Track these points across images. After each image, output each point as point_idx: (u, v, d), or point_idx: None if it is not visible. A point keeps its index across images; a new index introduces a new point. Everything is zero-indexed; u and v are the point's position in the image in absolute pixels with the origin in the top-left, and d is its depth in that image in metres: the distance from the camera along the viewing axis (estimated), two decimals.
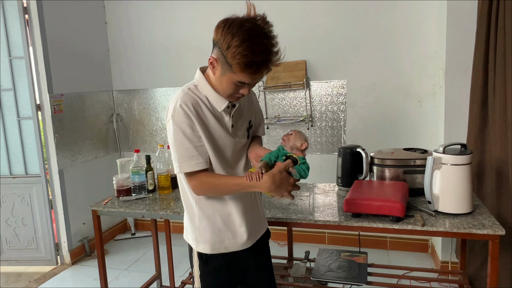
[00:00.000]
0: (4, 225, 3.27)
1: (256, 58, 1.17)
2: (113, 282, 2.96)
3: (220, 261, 1.43)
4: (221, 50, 1.20)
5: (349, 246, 3.25)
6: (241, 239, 1.42)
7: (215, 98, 1.33)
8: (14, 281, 3.10)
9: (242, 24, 1.18)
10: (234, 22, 1.19)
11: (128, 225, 4.00)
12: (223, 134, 1.36)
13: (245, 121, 1.45)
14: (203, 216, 1.40)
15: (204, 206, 1.40)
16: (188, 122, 1.28)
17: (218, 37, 1.20)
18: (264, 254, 1.59)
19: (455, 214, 1.74)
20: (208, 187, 1.33)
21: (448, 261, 2.78)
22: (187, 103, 1.29)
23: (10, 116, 3.14)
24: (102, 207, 2.14)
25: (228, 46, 1.17)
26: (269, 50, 1.20)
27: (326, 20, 3.12)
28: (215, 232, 1.40)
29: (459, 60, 2.54)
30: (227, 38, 1.17)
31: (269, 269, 1.61)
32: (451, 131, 2.61)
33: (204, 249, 1.42)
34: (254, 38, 1.16)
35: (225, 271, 1.45)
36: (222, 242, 1.41)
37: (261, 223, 1.54)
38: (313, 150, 3.30)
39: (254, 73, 1.21)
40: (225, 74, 1.25)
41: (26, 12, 3.00)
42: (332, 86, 3.18)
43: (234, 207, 1.40)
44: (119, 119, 3.85)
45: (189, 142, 1.29)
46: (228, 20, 1.21)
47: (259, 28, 1.20)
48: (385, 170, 2.03)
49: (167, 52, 3.57)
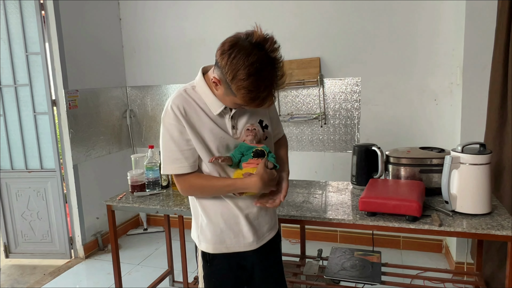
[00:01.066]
0: (19, 219, 3.33)
1: (261, 93, 1.17)
2: (126, 277, 2.98)
3: (224, 262, 1.42)
4: (225, 77, 1.17)
5: (362, 245, 3.23)
6: (245, 239, 1.40)
7: (211, 101, 1.30)
8: (29, 273, 3.16)
9: (248, 54, 1.13)
10: (240, 51, 1.13)
11: (140, 220, 4.03)
12: (221, 134, 1.32)
13: (251, 121, 1.38)
14: (205, 215, 1.39)
15: (206, 205, 1.39)
16: (176, 126, 1.29)
17: (223, 63, 1.16)
18: (272, 258, 1.53)
19: (473, 215, 1.71)
20: (197, 188, 1.35)
21: (463, 262, 2.74)
22: (179, 106, 1.29)
23: (26, 111, 3.18)
24: (117, 202, 2.16)
25: (233, 77, 1.15)
26: (275, 81, 1.18)
27: (341, 17, 3.09)
28: (216, 231, 1.39)
29: (477, 57, 2.49)
30: (232, 68, 1.14)
31: (278, 275, 1.55)
32: (468, 130, 2.57)
33: (207, 248, 1.41)
34: (260, 71, 1.13)
35: (228, 273, 1.44)
36: (224, 241, 1.39)
37: (270, 226, 1.47)
38: (326, 148, 3.28)
39: (259, 105, 1.22)
40: (228, 96, 1.23)
41: (43, 9, 3.04)
42: (346, 83, 3.15)
43: (238, 207, 1.37)
44: (132, 115, 3.88)
45: (175, 145, 1.30)
46: (234, 45, 1.15)
47: (265, 58, 1.15)
48: (401, 169, 2.01)
49: (180, 49, 3.58)
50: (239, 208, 1.38)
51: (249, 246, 1.41)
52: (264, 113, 1.43)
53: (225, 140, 1.33)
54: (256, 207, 1.39)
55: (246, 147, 1.33)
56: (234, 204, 1.37)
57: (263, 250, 1.45)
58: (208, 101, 1.31)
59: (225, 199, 1.37)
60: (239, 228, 1.39)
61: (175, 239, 2.91)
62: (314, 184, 2.33)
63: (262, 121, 1.41)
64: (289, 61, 3.22)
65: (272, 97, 1.22)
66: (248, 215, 1.39)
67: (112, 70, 3.70)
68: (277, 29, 3.21)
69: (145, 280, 2.91)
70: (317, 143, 3.30)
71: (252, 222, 1.40)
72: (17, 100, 3.16)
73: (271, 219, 1.49)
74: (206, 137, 1.31)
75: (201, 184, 1.33)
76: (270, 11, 3.23)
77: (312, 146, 3.32)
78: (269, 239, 1.47)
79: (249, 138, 1.33)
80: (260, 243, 1.44)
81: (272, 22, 3.22)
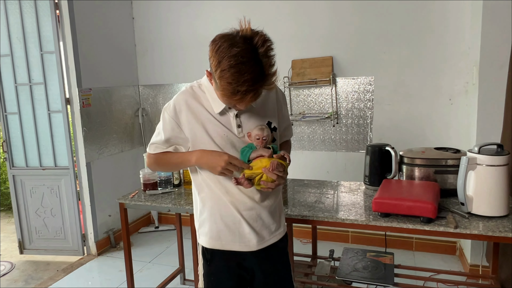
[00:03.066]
0: (34, 215, 3.38)
1: (240, 87, 1.12)
2: (138, 274, 3.00)
3: (222, 261, 1.42)
4: (211, 68, 1.18)
5: (373, 246, 3.20)
6: (241, 239, 1.38)
7: (214, 100, 1.31)
8: (43, 269, 3.20)
9: (231, 46, 1.11)
10: (226, 41, 1.12)
11: (151, 218, 4.06)
12: (224, 132, 1.32)
13: (259, 122, 1.35)
14: (204, 208, 1.41)
15: (205, 198, 1.40)
16: (172, 121, 1.35)
17: (210, 54, 1.16)
18: (275, 263, 1.47)
19: (489, 217, 1.68)
20: (158, 158, 1.44)
21: (478, 265, 2.69)
22: (181, 102, 1.34)
23: (41, 110, 3.22)
24: (129, 200, 2.17)
25: (216, 68, 1.14)
26: (257, 77, 1.13)
27: (354, 15, 3.06)
28: (213, 227, 1.39)
29: (494, 56, 2.44)
30: (217, 58, 1.13)
31: (282, 281, 1.49)
32: (484, 130, 2.52)
33: (203, 241, 1.43)
34: (241, 64, 1.10)
35: (227, 272, 1.43)
36: (219, 238, 1.39)
37: (272, 229, 1.42)
38: (338, 148, 3.26)
39: (240, 101, 1.18)
40: (217, 90, 1.22)
41: (57, 8, 3.07)
42: (359, 82, 3.12)
43: (235, 206, 1.36)
44: (144, 113, 3.90)
45: (164, 134, 1.37)
46: (223, 37, 1.14)
47: (250, 52, 1.11)
48: (415, 170, 1.98)
49: (192, 48, 3.59)
50: (236, 209, 1.36)
51: (246, 247, 1.38)
52: (273, 114, 1.40)
53: (229, 138, 1.32)
54: (255, 209, 1.37)
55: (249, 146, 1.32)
56: (232, 200, 1.36)
57: (264, 254, 1.41)
58: (211, 99, 1.32)
59: (224, 194, 1.36)
60: (237, 227, 1.37)
61: (186, 238, 2.92)
62: (326, 184, 2.31)
63: (270, 122, 1.38)
64: (301, 60, 3.21)
65: (254, 94, 1.15)
66: (247, 216, 1.37)
67: (125, 69, 3.73)
68: (289, 28, 3.22)
69: (156, 278, 2.92)
70: (329, 142, 3.28)
71: (252, 224, 1.37)
72: (32, 99, 3.21)
73: (275, 223, 1.44)
74: (210, 132, 1.32)
75: (164, 156, 1.42)
76: (282, 10, 3.21)
77: (324, 145, 3.30)
78: (271, 243, 1.43)
79: (258, 145, 1.30)
80: (261, 246, 1.40)
81: (284, 21, 3.20)
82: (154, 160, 1.45)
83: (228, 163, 1.25)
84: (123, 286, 2.85)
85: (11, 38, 3.15)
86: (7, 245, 3.75)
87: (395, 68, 3.01)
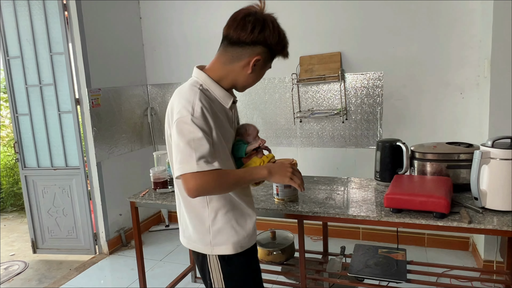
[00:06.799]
0: (46, 215, 3.41)
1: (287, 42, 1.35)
2: (149, 273, 3.02)
3: (241, 259, 1.39)
4: (269, 45, 1.28)
5: (384, 242, 3.17)
6: (254, 233, 1.43)
7: (223, 95, 1.34)
8: (56, 268, 3.24)
9: (273, 19, 1.32)
10: (255, 14, 1.33)
11: (162, 217, 4.08)
12: (230, 129, 1.37)
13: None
14: (218, 217, 1.34)
15: (218, 206, 1.34)
16: (205, 124, 1.22)
17: (266, 35, 1.27)
18: None
19: (504, 211, 1.65)
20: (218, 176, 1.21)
21: (492, 260, 2.65)
22: (204, 103, 1.24)
23: (51, 110, 3.25)
24: (140, 199, 2.18)
25: (278, 41, 1.30)
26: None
27: (362, 10, 3.02)
28: (231, 231, 1.35)
29: (507, 48, 2.40)
30: (275, 34, 1.29)
31: None
32: (496, 124, 2.48)
33: (226, 249, 1.35)
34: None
35: (248, 267, 1.43)
36: (239, 241, 1.36)
37: None
38: (348, 144, 3.23)
39: (286, 55, 1.37)
40: (266, 66, 1.34)
41: (66, 10, 3.09)
42: (368, 78, 3.09)
43: (245, 203, 1.40)
44: (153, 112, 3.92)
45: (207, 141, 1.20)
46: (247, 15, 1.34)
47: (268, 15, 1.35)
48: (427, 165, 1.96)
49: (200, 47, 3.59)
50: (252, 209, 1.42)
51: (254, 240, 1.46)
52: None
53: (232, 134, 1.39)
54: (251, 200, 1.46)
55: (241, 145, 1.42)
56: (242, 200, 1.39)
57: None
58: (220, 96, 1.33)
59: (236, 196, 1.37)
60: (249, 225, 1.40)
61: None
62: (336, 181, 2.30)
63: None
64: (310, 56, 3.19)
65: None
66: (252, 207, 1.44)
67: (133, 69, 3.75)
68: (297, 24, 3.20)
69: (167, 276, 2.94)
70: (339, 139, 3.26)
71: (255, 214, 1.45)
72: (42, 100, 3.24)
73: None
74: (226, 131, 1.34)
75: (229, 174, 1.26)
76: (290, 7, 3.19)
77: (333, 142, 3.28)
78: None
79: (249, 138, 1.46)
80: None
81: (293, 17, 3.18)
82: (212, 178, 1.18)
83: (291, 168, 1.36)
84: (135, 284, 2.87)
85: (21, 40, 3.18)
86: (20, 245, 3.80)
87: (404, 62, 2.98)
